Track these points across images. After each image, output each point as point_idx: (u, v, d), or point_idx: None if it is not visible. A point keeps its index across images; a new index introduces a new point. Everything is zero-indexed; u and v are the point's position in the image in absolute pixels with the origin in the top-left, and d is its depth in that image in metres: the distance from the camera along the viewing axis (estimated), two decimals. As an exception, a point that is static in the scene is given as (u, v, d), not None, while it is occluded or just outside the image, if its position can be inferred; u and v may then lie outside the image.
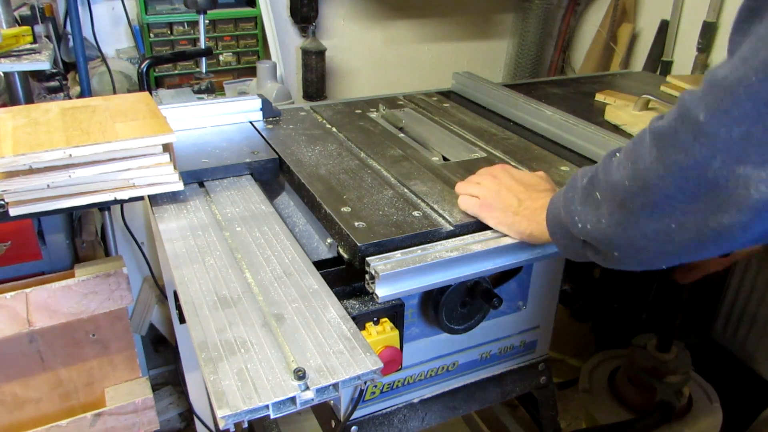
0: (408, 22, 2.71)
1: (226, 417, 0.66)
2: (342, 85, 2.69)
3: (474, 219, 0.99)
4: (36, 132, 1.00)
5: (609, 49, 2.65)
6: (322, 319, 0.80)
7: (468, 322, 1.03)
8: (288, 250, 0.96)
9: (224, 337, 0.76)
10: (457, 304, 1.00)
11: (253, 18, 2.34)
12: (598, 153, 1.25)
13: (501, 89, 1.58)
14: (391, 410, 1.10)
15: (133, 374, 1.65)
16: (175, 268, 0.90)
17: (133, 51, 2.23)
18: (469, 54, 2.93)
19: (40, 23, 1.88)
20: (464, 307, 1.01)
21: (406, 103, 1.57)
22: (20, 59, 1.56)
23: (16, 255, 1.54)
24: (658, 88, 1.71)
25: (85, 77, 1.84)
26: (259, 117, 1.42)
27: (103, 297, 1.51)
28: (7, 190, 0.95)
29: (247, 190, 1.15)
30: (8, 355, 1.50)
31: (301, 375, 0.70)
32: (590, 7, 2.84)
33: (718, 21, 2.24)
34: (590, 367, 1.97)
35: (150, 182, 1.04)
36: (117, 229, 2.03)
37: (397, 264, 0.87)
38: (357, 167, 1.18)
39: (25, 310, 1.43)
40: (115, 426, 1.57)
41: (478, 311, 1.03)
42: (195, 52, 2.01)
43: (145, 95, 1.20)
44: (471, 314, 1.02)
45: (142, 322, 2.27)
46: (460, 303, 1.00)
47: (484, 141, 1.34)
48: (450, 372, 1.13)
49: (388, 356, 0.89)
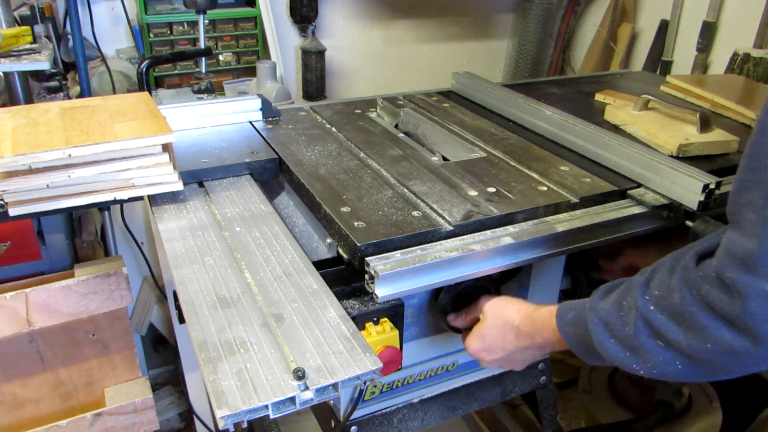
0: (408, 22, 2.71)
1: (226, 417, 0.66)
2: (342, 85, 2.69)
3: (474, 219, 0.99)
4: (35, 132, 1.00)
5: (609, 49, 2.65)
6: (321, 319, 0.80)
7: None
8: (287, 250, 0.96)
9: (224, 337, 0.76)
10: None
11: (253, 18, 2.34)
12: (598, 153, 1.25)
13: (501, 89, 1.58)
14: (391, 410, 1.10)
15: (132, 374, 1.65)
16: (175, 268, 0.90)
17: (133, 51, 2.23)
18: (469, 54, 2.93)
19: (40, 23, 1.88)
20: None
21: (406, 102, 1.57)
22: (20, 59, 1.56)
23: (16, 255, 1.54)
24: (658, 88, 1.71)
25: (84, 77, 1.84)
26: (258, 117, 1.42)
27: (103, 297, 1.51)
28: (7, 190, 0.95)
29: (246, 190, 1.15)
30: (8, 355, 1.50)
31: (300, 375, 0.70)
32: (590, 7, 2.84)
33: (718, 21, 2.24)
34: (590, 367, 1.97)
35: (149, 182, 1.03)
36: (117, 229, 2.03)
37: (397, 264, 0.87)
38: (357, 167, 1.18)
39: (25, 310, 1.43)
40: (114, 426, 1.57)
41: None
42: (195, 52, 2.01)
43: (145, 95, 1.20)
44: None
45: (142, 322, 2.27)
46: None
47: (484, 141, 1.34)
48: (450, 372, 1.13)
49: (387, 356, 0.89)
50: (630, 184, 1.15)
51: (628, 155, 1.18)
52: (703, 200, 1.03)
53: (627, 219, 1.06)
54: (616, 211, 1.07)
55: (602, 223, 1.04)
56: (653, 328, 0.73)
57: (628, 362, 0.78)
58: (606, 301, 0.82)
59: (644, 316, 0.75)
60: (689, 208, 1.05)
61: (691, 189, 1.05)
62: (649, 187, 1.13)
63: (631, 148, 1.18)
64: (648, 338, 0.74)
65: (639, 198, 1.11)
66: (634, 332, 0.76)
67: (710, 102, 1.57)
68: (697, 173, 1.06)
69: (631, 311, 0.77)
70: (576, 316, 0.86)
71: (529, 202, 1.05)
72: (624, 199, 1.13)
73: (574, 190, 1.10)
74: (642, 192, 1.13)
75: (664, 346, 0.73)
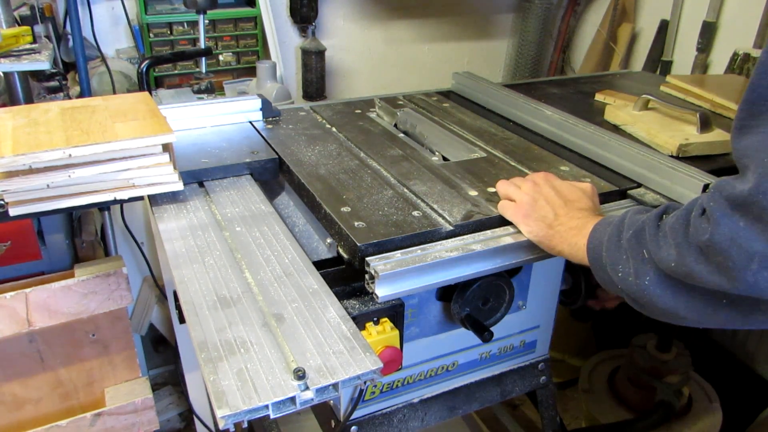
0: (408, 22, 2.71)
1: (226, 417, 0.66)
2: (342, 85, 2.69)
3: (474, 219, 0.99)
4: (36, 132, 1.00)
5: (609, 49, 2.65)
6: (321, 319, 0.80)
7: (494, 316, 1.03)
8: (288, 250, 0.96)
9: (224, 337, 0.76)
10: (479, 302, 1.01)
11: (253, 18, 2.34)
12: (598, 153, 1.25)
13: (501, 89, 1.58)
14: (391, 410, 1.10)
15: (132, 374, 1.65)
16: (175, 268, 0.90)
17: (133, 51, 2.23)
18: (469, 54, 2.93)
19: (40, 23, 1.88)
20: (486, 304, 1.02)
21: (406, 103, 1.57)
22: (20, 59, 1.56)
23: (16, 255, 1.54)
24: (658, 88, 1.71)
25: (84, 77, 1.84)
26: (258, 117, 1.42)
27: (103, 297, 1.51)
28: (7, 190, 0.95)
29: (246, 190, 1.15)
30: (8, 355, 1.50)
31: (300, 375, 0.70)
32: (590, 7, 2.84)
33: (718, 21, 2.24)
34: (590, 367, 1.97)
35: (150, 182, 1.04)
36: (117, 229, 2.03)
37: (397, 264, 0.87)
38: (357, 167, 1.18)
39: (25, 310, 1.43)
40: (114, 426, 1.57)
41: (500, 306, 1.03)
42: (195, 52, 2.01)
43: (145, 95, 1.20)
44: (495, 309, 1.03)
45: (142, 322, 2.27)
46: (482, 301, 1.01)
47: (484, 141, 1.34)
48: (450, 372, 1.13)
49: (388, 356, 0.89)
50: (630, 184, 1.15)
51: (628, 155, 1.18)
52: (703, 200, 1.03)
53: (627, 219, 1.06)
54: (616, 211, 1.07)
55: (602, 223, 1.03)
56: (660, 235, 0.74)
57: (626, 270, 0.78)
58: (639, 215, 0.82)
59: (651, 221, 0.76)
60: (689, 208, 1.05)
61: (692, 189, 1.05)
62: (650, 187, 1.13)
63: (631, 148, 1.18)
64: (653, 240, 0.75)
65: (639, 198, 1.11)
66: (641, 228, 0.77)
67: (710, 102, 1.57)
68: (698, 173, 1.06)
69: (638, 222, 0.79)
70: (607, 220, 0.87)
71: (529, 202, 1.05)
72: (624, 199, 1.13)
73: (575, 190, 1.10)
74: (642, 192, 1.13)
75: (646, 258, 0.75)
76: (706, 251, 0.65)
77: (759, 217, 0.61)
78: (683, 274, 0.69)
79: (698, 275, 0.67)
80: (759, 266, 0.61)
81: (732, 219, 0.63)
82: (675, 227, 0.71)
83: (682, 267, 0.69)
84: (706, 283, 0.67)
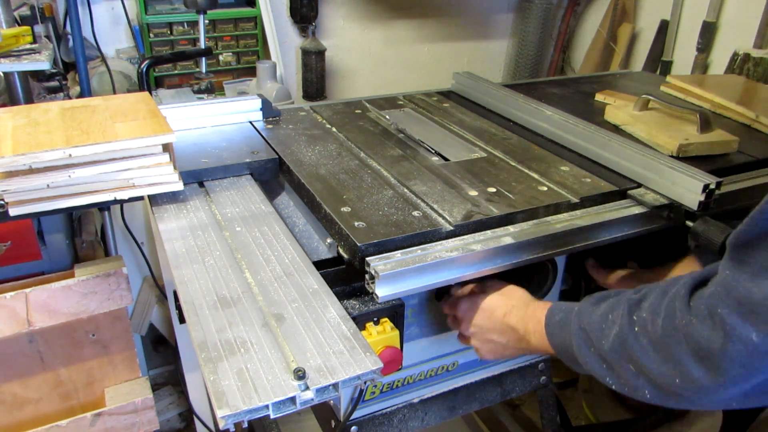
0: (408, 22, 2.71)
1: (226, 417, 0.66)
2: (342, 85, 2.69)
3: (474, 219, 0.99)
4: (36, 132, 1.00)
5: (609, 49, 2.65)
6: (322, 319, 0.80)
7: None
8: (288, 250, 0.96)
9: (224, 337, 0.76)
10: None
11: (253, 18, 2.34)
12: (599, 153, 1.25)
13: (501, 89, 1.58)
14: (391, 410, 1.10)
15: (132, 374, 1.65)
16: (175, 268, 0.90)
17: (133, 51, 2.23)
18: (469, 54, 2.93)
19: (40, 23, 1.88)
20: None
21: (405, 103, 1.57)
22: (20, 59, 1.56)
23: (16, 255, 1.54)
24: (658, 88, 1.71)
25: (84, 77, 1.84)
26: (259, 117, 1.42)
27: (103, 297, 1.51)
28: (7, 190, 0.95)
29: (246, 190, 1.15)
30: (8, 355, 1.50)
31: (301, 375, 0.70)
32: (590, 7, 2.84)
33: (718, 21, 2.24)
34: (590, 367, 1.97)
35: (150, 182, 1.03)
36: (117, 229, 2.03)
37: (397, 264, 0.87)
38: (357, 167, 1.18)
39: (25, 310, 1.43)
40: (114, 426, 1.57)
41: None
42: (195, 52, 2.01)
43: (145, 95, 1.20)
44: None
45: (142, 322, 2.27)
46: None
47: (484, 141, 1.34)
48: (450, 372, 1.13)
49: (388, 356, 0.89)
50: (630, 184, 1.15)
51: (629, 155, 1.18)
52: (703, 200, 1.03)
53: (627, 219, 1.06)
54: (616, 211, 1.07)
55: (602, 223, 1.04)
56: (627, 352, 0.73)
57: (603, 375, 0.78)
58: (595, 310, 0.81)
59: (623, 337, 0.74)
60: (689, 209, 1.05)
61: (692, 189, 1.05)
62: (650, 187, 1.13)
63: (632, 148, 1.18)
64: (621, 359, 0.74)
65: (639, 198, 1.11)
66: (611, 348, 0.76)
67: (710, 102, 1.57)
68: (698, 173, 1.06)
69: (614, 327, 0.76)
70: (563, 319, 0.86)
71: (529, 202, 1.05)
72: (624, 199, 1.13)
73: (575, 190, 1.10)
74: (642, 192, 1.13)
75: (635, 371, 0.73)
76: (710, 359, 0.64)
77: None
78: (693, 382, 0.68)
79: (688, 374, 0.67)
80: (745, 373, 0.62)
81: (747, 328, 0.61)
82: (666, 339, 0.69)
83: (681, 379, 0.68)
84: (693, 384, 0.66)
